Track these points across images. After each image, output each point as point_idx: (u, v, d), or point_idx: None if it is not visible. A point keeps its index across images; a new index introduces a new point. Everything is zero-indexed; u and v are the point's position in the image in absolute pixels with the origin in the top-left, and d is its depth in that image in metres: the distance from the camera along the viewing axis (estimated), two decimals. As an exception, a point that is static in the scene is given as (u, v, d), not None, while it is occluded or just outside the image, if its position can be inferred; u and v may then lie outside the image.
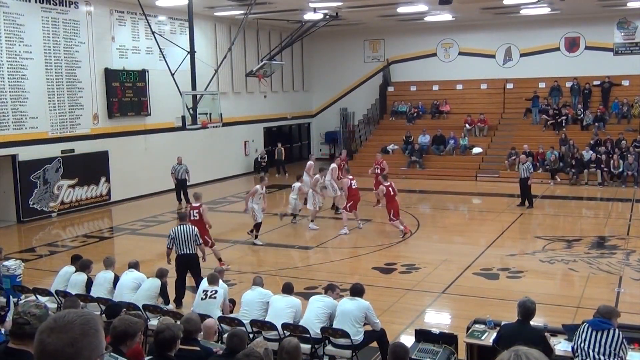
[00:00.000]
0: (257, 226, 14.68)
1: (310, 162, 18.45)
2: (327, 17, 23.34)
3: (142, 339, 6.97)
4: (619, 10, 24.96)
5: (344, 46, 30.54)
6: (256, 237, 14.80)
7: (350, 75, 30.76)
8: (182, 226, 10.65)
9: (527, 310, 6.42)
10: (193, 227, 10.82)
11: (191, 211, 12.51)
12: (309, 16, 23.23)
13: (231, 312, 8.86)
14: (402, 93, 29.64)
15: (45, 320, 2.32)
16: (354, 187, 16.00)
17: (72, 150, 19.20)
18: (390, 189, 15.44)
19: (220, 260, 12.25)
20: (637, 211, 18.07)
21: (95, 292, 9.28)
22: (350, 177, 16.25)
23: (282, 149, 27.49)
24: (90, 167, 19.64)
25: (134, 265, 9.68)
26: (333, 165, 18.23)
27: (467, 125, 26.57)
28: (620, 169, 22.15)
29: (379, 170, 18.14)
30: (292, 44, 26.14)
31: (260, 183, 14.83)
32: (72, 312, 2.19)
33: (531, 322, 6.53)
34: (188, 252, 10.54)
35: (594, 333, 6.11)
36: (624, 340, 6.10)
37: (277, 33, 27.62)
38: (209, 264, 11.30)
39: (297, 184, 16.69)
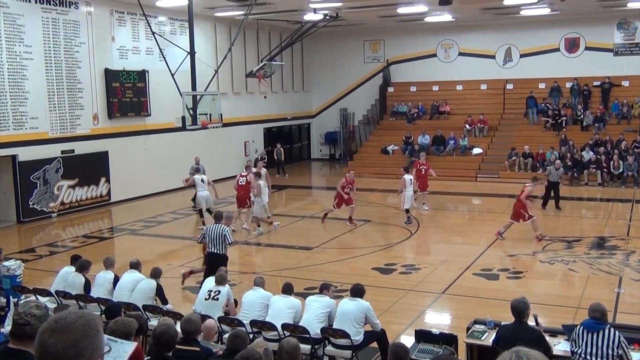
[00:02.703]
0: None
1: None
2: (327, 17, 23.36)
3: (142, 338, 6.97)
4: (619, 11, 24.98)
5: (344, 47, 30.54)
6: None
7: (350, 76, 30.77)
8: (213, 225, 10.79)
9: (516, 309, 6.43)
10: (224, 226, 10.82)
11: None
12: (309, 17, 23.25)
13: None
14: (402, 93, 29.64)
15: (45, 320, 2.32)
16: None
17: (72, 151, 19.20)
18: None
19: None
20: (637, 212, 18.06)
21: (95, 293, 9.28)
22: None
23: (282, 149, 27.49)
24: (90, 168, 19.64)
25: (135, 266, 9.65)
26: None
27: (467, 126, 26.57)
28: (620, 170, 22.14)
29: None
30: (292, 44, 26.17)
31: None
32: (73, 312, 2.19)
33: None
34: (216, 251, 10.64)
35: (589, 335, 6.10)
36: (620, 337, 6.08)
37: (277, 33, 27.63)
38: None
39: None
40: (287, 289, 8.40)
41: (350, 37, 29.97)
